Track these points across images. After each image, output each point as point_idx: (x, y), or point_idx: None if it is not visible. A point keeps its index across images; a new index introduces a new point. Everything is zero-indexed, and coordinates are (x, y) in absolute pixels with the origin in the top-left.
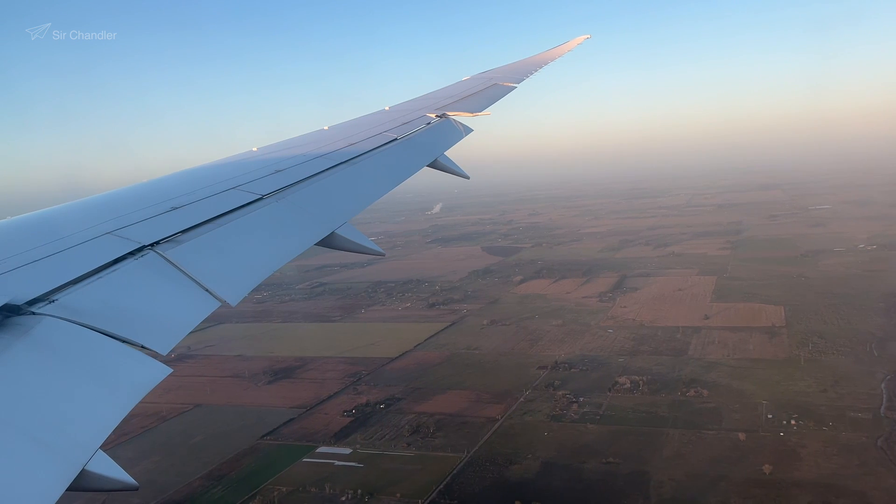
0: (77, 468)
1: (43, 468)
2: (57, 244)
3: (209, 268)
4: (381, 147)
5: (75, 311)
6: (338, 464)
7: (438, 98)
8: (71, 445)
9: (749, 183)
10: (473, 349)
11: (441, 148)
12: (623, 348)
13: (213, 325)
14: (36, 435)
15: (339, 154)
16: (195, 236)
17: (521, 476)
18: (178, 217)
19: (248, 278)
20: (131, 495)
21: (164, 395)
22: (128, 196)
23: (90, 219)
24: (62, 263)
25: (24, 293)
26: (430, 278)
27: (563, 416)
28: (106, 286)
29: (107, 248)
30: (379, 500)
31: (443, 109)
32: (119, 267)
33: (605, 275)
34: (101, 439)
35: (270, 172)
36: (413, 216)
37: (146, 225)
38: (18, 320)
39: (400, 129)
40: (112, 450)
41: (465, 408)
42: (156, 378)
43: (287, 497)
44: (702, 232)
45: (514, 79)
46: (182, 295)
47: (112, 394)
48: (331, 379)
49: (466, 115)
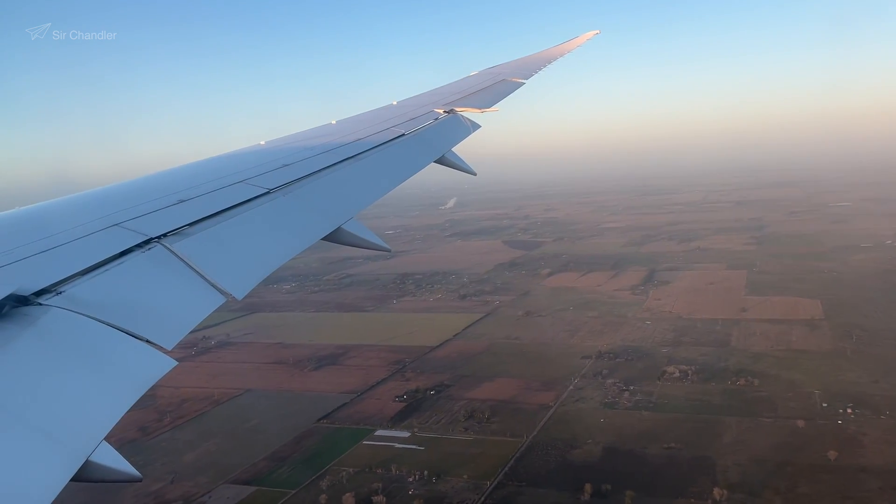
0: (81, 459)
1: (47, 458)
2: (64, 235)
3: (215, 261)
4: (388, 142)
5: (82, 303)
6: (398, 446)
7: (446, 93)
8: (75, 436)
9: (763, 181)
10: (513, 339)
11: (449, 144)
12: (664, 339)
13: (247, 313)
14: (41, 425)
15: (346, 149)
16: (202, 229)
17: (585, 460)
18: (185, 210)
19: (254, 272)
20: (195, 474)
21: (212, 380)
22: (135, 188)
23: (97, 210)
24: (69, 255)
25: (31, 284)
26: (456, 271)
27: (616, 404)
28: (113, 278)
29: (114, 240)
30: (446, 481)
31: (451, 105)
32: (126, 259)
33: (634, 268)
34: (105, 430)
35: (278, 167)
36: (427, 211)
37: (153, 217)
38: (25, 311)
39: (407, 124)
40: (171, 432)
41: (516, 395)
42: (160, 371)
43: (354, 477)
44: (723, 228)
45: (523, 74)
46: (188, 288)
47: (117, 386)
48: (376, 366)
49: (474, 111)
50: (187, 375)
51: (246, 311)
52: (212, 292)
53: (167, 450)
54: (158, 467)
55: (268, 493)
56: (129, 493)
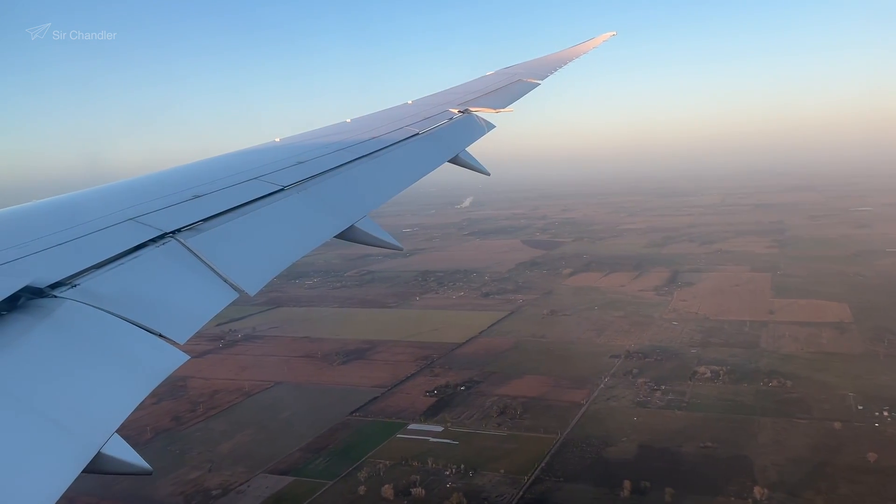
0: (93, 451)
1: (60, 449)
2: (80, 229)
3: (229, 257)
4: (402, 141)
5: (96, 296)
6: (432, 440)
7: (461, 93)
8: (88, 428)
9: (780, 184)
10: (539, 337)
11: (463, 143)
12: (692, 340)
13: (272, 307)
14: (54, 416)
15: (360, 147)
16: (216, 225)
17: (620, 457)
18: (200, 205)
19: (266, 269)
20: (232, 463)
21: (242, 372)
22: (151, 183)
23: (113, 204)
24: (85, 248)
25: (47, 276)
26: (476, 269)
27: (649, 403)
28: (127, 272)
29: (129, 234)
30: (482, 475)
31: (466, 105)
32: (140, 253)
33: (657, 269)
34: (117, 423)
35: (292, 164)
36: (443, 210)
37: (168, 212)
38: (40, 303)
39: (422, 123)
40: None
41: (546, 392)
42: (172, 365)
43: (390, 470)
44: (744, 230)
45: (539, 75)
46: (201, 283)
47: (129, 379)
48: (403, 361)
49: (489, 111)
50: (217, 367)
51: (270, 306)
52: (224, 288)
53: (202, 439)
54: (195, 456)
55: (305, 483)
56: (168, 482)
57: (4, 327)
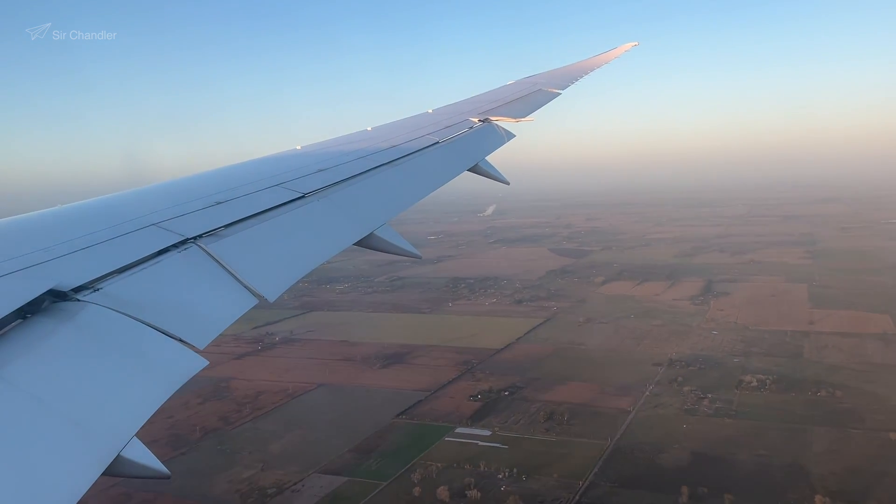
0: (113, 454)
1: (80, 452)
2: (103, 233)
3: (249, 263)
4: (423, 149)
5: (118, 300)
6: (481, 444)
7: (482, 102)
8: (108, 431)
9: (806, 196)
10: (578, 344)
11: (483, 152)
12: (734, 349)
13: (306, 312)
14: (75, 419)
15: (381, 155)
16: (238, 231)
17: (674, 464)
18: (221, 211)
19: (286, 275)
20: (284, 463)
21: (283, 374)
22: (173, 189)
23: (136, 210)
24: (108, 252)
25: (70, 280)
26: (507, 276)
27: (697, 411)
28: (149, 277)
29: (151, 240)
30: (536, 479)
31: (486, 114)
32: (162, 259)
33: (690, 279)
34: (137, 426)
35: (313, 171)
36: (465, 218)
37: (190, 218)
38: (63, 306)
39: (443, 132)
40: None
41: (592, 398)
42: (192, 370)
43: (443, 472)
44: (775, 241)
45: (559, 85)
46: (222, 289)
47: (150, 383)
48: (443, 366)
49: (509, 121)
50: (258, 369)
51: (304, 310)
52: (244, 293)
53: (251, 439)
54: (246, 455)
55: (359, 483)
56: (223, 480)
57: (28, 330)
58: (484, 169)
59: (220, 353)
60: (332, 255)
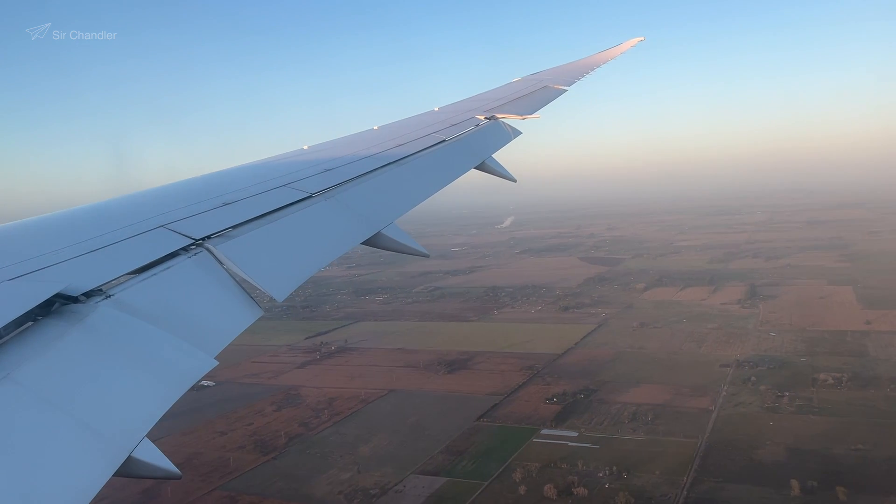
0: (124, 455)
1: (91, 453)
2: (112, 235)
3: (258, 263)
4: (429, 148)
5: (127, 302)
6: (571, 444)
7: (488, 99)
8: (119, 432)
9: (825, 202)
10: (638, 348)
11: (489, 150)
12: (797, 349)
13: (352, 322)
14: (86, 420)
15: (387, 154)
16: (245, 232)
17: (772, 459)
18: (229, 212)
19: (295, 275)
20: (378, 465)
21: (351, 381)
22: (180, 190)
23: (144, 212)
24: (117, 255)
25: (80, 283)
26: (545, 284)
27: (778, 408)
28: (159, 279)
29: (160, 241)
30: (637, 476)
31: (492, 111)
32: (171, 261)
33: (731, 284)
34: (147, 427)
35: (320, 171)
36: (484, 230)
37: (198, 219)
38: (74, 308)
39: (448, 130)
40: (333, 427)
41: (669, 399)
42: (201, 370)
43: (542, 471)
44: (806, 246)
45: (566, 81)
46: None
47: (160, 384)
48: (508, 371)
49: (516, 118)
50: (324, 377)
51: (350, 320)
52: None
53: (338, 443)
54: (338, 459)
55: (460, 483)
56: (323, 482)
57: (39, 332)
58: (491, 167)
59: (280, 362)
60: (340, 255)
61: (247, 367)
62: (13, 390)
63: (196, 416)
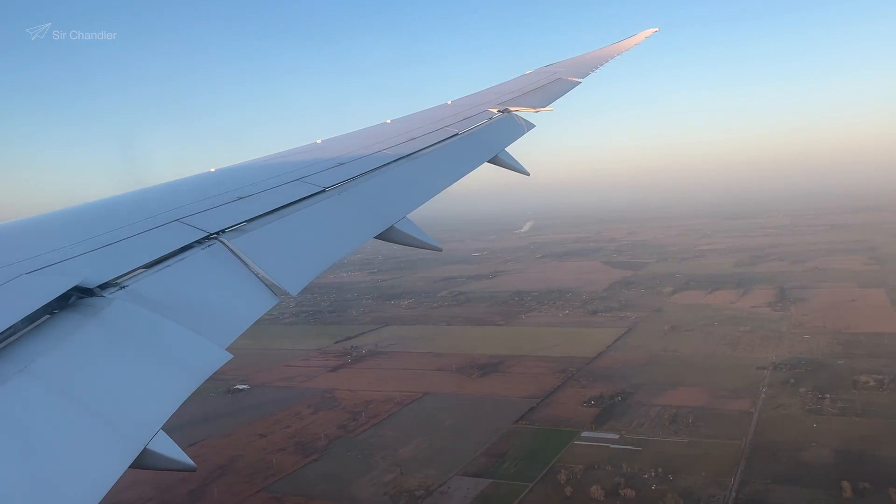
0: (139, 447)
1: (108, 445)
2: (127, 230)
3: (272, 257)
4: (442, 142)
5: (143, 296)
6: (613, 447)
7: (500, 92)
8: (135, 425)
9: (845, 206)
10: (671, 351)
11: (502, 143)
12: (834, 352)
13: (380, 326)
14: (103, 413)
15: (400, 148)
16: (260, 226)
17: (820, 461)
18: (243, 207)
19: (308, 269)
20: (420, 467)
21: (384, 384)
22: (195, 185)
23: (160, 206)
24: (132, 248)
25: (96, 276)
26: (570, 289)
27: (821, 411)
28: (173, 272)
29: (175, 235)
30: (683, 478)
31: (505, 104)
32: (186, 254)
33: (760, 287)
34: (162, 420)
35: (333, 165)
36: (502, 235)
37: (213, 213)
38: (90, 302)
39: (461, 123)
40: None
41: (708, 402)
42: (215, 364)
43: (586, 473)
44: (832, 249)
45: (579, 73)
46: (245, 283)
47: (175, 377)
48: (542, 374)
49: (529, 111)
50: (356, 380)
51: (378, 325)
52: (268, 288)
53: (378, 445)
54: (379, 460)
55: (504, 485)
56: (366, 483)
57: (56, 325)
58: (504, 160)
59: (312, 366)
60: (353, 249)
61: (280, 370)
62: (31, 382)
63: (233, 419)
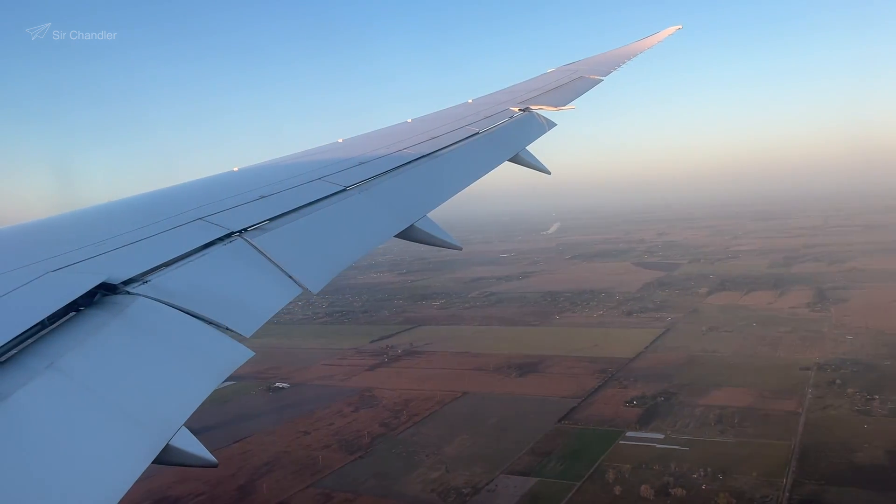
0: (162, 443)
1: (131, 441)
2: (151, 228)
3: (293, 255)
4: (462, 140)
5: (167, 293)
6: (659, 447)
7: (521, 91)
8: (158, 421)
9: (877, 206)
10: (711, 352)
11: (523, 142)
12: (878, 353)
13: (414, 326)
14: (126, 409)
15: (421, 147)
16: (281, 224)
17: (874, 462)
18: (265, 205)
19: (329, 267)
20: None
21: (423, 383)
22: (218, 184)
23: (182, 204)
24: (156, 246)
25: (121, 273)
26: (603, 289)
27: (870, 412)
28: (196, 269)
29: (198, 233)
30: (734, 478)
31: (526, 103)
32: (209, 252)
33: (797, 288)
34: (185, 416)
35: (354, 164)
36: (529, 236)
37: (235, 212)
38: (114, 299)
39: (482, 122)
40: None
41: (753, 402)
42: (238, 360)
43: (634, 472)
44: (869, 249)
45: (601, 71)
46: (266, 281)
47: (198, 374)
48: (581, 374)
49: (550, 109)
50: (394, 379)
51: (411, 325)
52: (289, 285)
53: (421, 443)
54: (424, 458)
55: (552, 483)
56: (413, 480)
57: (82, 322)
58: (525, 159)
59: (350, 364)
60: (374, 247)
61: (318, 369)
62: (57, 378)
63: (276, 417)
